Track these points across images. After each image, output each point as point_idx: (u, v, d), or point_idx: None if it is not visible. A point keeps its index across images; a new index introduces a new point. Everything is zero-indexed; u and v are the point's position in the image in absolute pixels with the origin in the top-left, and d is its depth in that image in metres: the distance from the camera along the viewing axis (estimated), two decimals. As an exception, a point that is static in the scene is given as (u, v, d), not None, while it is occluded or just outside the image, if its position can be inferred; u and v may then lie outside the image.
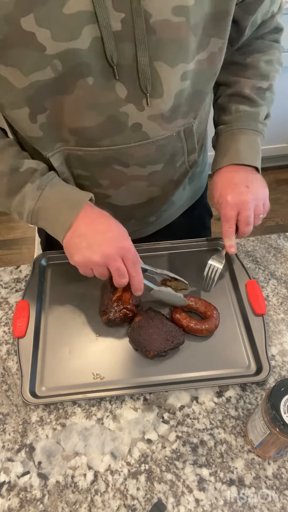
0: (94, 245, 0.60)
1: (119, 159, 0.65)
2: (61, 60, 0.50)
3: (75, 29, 0.48)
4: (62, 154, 0.64)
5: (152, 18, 0.50)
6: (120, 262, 0.61)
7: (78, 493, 0.58)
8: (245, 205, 0.67)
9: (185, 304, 0.73)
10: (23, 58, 0.49)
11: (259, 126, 0.72)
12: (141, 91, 0.56)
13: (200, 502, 0.57)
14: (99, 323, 0.75)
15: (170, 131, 0.64)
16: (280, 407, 0.51)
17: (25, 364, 0.68)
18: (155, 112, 0.60)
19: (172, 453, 0.61)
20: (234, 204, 0.68)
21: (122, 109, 0.58)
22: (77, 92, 0.54)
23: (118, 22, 0.49)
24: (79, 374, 0.68)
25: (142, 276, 0.65)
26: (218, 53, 0.59)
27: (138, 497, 0.57)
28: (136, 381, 0.67)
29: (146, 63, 0.53)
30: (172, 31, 0.52)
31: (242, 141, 0.71)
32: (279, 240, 0.90)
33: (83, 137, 0.61)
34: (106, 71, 0.53)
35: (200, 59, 0.58)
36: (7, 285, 0.83)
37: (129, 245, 0.62)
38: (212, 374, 0.68)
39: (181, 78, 0.57)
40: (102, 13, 0.48)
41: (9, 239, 2.11)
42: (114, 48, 0.51)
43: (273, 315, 0.76)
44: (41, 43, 0.48)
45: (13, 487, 0.59)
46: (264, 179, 0.72)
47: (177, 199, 0.85)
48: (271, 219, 2.17)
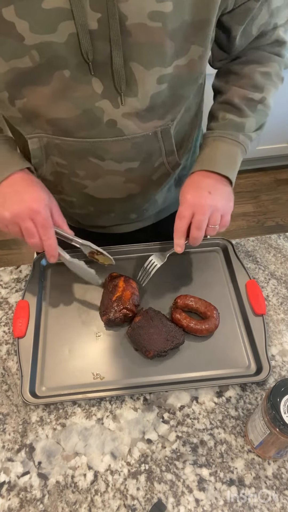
0: (8, 203, 0.62)
1: (94, 152, 0.66)
2: (39, 51, 0.52)
3: (52, 24, 0.50)
4: (40, 140, 0.66)
5: (128, 21, 0.51)
6: (30, 223, 0.63)
7: (78, 493, 0.58)
8: (201, 209, 0.65)
9: (98, 283, 0.74)
10: (3, 45, 0.52)
11: (240, 137, 0.69)
12: (115, 89, 0.58)
13: (200, 502, 0.57)
14: (99, 323, 0.75)
15: (146, 131, 0.65)
16: (280, 407, 0.51)
17: (25, 364, 0.68)
18: (130, 110, 0.61)
19: (172, 453, 0.61)
20: (191, 205, 0.66)
21: (98, 104, 0.59)
22: (53, 83, 0.56)
23: (94, 21, 0.51)
24: (79, 374, 0.69)
25: (54, 242, 0.66)
26: (198, 60, 0.59)
27: (138, 497, 0.57)
28: (136, 381, 0.67)
29: (120, 63, 0.55)
30: (148, 35, 0.53)
31: (219, 149, 0.69)
32: (279, 240, 0.90)
33: (59, 127, 0.63)
34: (82, 66, 0.55)
35: (179, 64, 0.58)
36: (7, 285, 0.83)
37: (40, 208, 0.63)
38: (212, 374, 0.68)
39: (157, 81, 0.58)
40: (78, 11, 0.49)
41: (9, 239, 2.11)
42: (90, 45, 0.53)
43: (273, 315, 0.76)
44: (20, 33, 0.51)
45: (13, 487, 0.59)
46: (233, 194, 0.69)
47: (160, 199, 0.85)
48: (271, 219, 2.17)
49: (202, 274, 0.82)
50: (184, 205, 0.66)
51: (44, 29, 0.50)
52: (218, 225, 0.67)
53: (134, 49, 0.54)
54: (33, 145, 0.67)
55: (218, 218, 0.66)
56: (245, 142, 0.70)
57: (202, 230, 0.66)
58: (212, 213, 0.65)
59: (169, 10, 0.51)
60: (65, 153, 0.67)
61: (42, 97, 0.58)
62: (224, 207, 0.67)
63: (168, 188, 0.84)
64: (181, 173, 0.84)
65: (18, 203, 0.62)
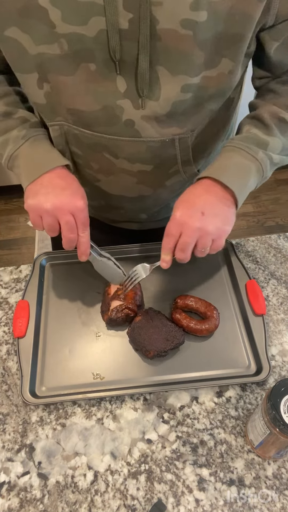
0: (50, 194, 0.62)
1: (109, 148, 0.66)
2: (68, 41, 0.53)
3: (84, 17, 0.51)
4: (61, 128, 0.66)
5: (159, 25, 0.51)
6: (70, 217, 0.63)
7: (78, 493, 0.58)
8: (188, 231, 0.60)
9: (122, 282, 0.74)
10: (36, 29, 0.53)
11: (259, 154, 0.62)
12: (137, 92, 0.57)
13: (200, 502, 0.57)
14: (99, 323, 0.75)
15: (163, 136, 0.64)
16: (280, 407, 0.51)
17: (25, 364, 0.68)
18: (150, 114, 0.60)
19: (172, 453, 0.61)
20: (179, 223, 0.61)
21: (119, 102, 0.59)
22: (78, 74, 0.56)
23: (126, 20, 0.51)
24: (79, 374, 0.68)
25: (89, 239, 0.66)
26: (228, 75, 0.58)
27: (138, 497, 0.57)
28: (136, 381, 0.67)
29: (145, 68, 0.54)
30: (177, 41, 0.52)
31: (231, 159, 0.63)
32: (279, 240, 0.90)
33: (78, 118, 0.63)
34: (108, 63, 0.55)
35: (208, 76, 0.57)
36: (7, 285, 0.83)
37: (83, 206, 0.63)
38: (212, 374, 0.68)
39: (182, 89, 0.57)
40: (111, 9, 0.50)
41: (9, 239, 2.11)
42: (118, 44, 0.53)
43: (273, 315, 0.76)
44: (52, 21, 0.51)
45: (13, 487, 0.59)
46: (233, 216, 0.62)
47: (173, 204, 0.84)
48: (271, 219, 2.17)
49: (202, 274, 0.82)
50: (172, 223, 0.62)
51: (75, 21, 0.51)
52: (207, 248, 0.62)
53: (162, 53, 0.54)
54: (55, 133, 0.67)
55: (208, 242, 0.61)
56: (264, 161, 0.62)
57: (185, 253, 0.62)
58: (201, 237, 0.60)
59: (203, 19, 0.50)
60: (82, 144, 0.68)
61: (65, 86, 0.58)
62: (217, 231, 0.60)
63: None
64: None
65: (62, 197, 0.62)
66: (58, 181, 0.64)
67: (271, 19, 0.55)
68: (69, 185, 0.64)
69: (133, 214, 0.86)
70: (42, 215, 0.63)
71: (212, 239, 0.61)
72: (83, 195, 0.65)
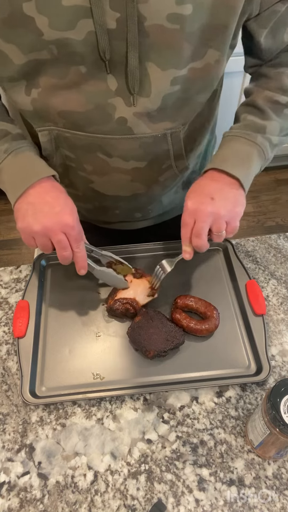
0: (39, 214, 0.61)
1: (103, 148, 0.66)
2: (57, 47, 0.53)
3: (71, 21, 0.50)
4: (50, 133, 0.66)
5: (147, 22, 0.51)
6: (62, 236, 0.62)
7: (78, 493, 0.58)
8: (201, 216, 0.62)
9: (127, 286, 0.74)
10: (22, 38, 0.53)
11: (258, 139, 0.65)
12: (128, 90, 0.58)
13: (200, 502, 0.57)
14: (99, 323, 0.75)
15: (155, 131, 0.65)
16: (280, 407, 0.51)
17: (25, 364, 0.68)
18: (141, 110, 0.61)
19: (172, 453, 0.61)
20: (192, 211, 0.63)
21: (111, 100, 0.59)
22: (70, 77, 0.56)
23: (113, 20, 0.51)
24: (79, 374, 0.68)
25: (85, 253, 0.66)
26: (214, 65, 0.59)
27: (138, 497, 0.57)
28: (136, 381, 0.67)
29: (135, 65, 0.55)
30: (165, 36, 0.53)
31: (232, 148, 0.65)
32: (279, 240, 0.90)
33: (70, 120, 0.63)
34: (98, 63, 0.55)
35: (195, 67, 0.58)
36: (7, 285, 0.83)
37: (73, 222, 0.62)
38: (212, 374, 0.68)
39: (171, 82, 0.58)
40: (97, 10, 0.50)
41: (9, 239, 2.11)
42: (107, 44, 0.53)
43: (273, 315, 0.76)
44: (39, 29, 0.51)
45: (13, 487, 0.59)
46: (243, 198, 0.65)
47: (166, 200, 0.85)
48: (271, 219, 2.17)
49: (202, 274, 0.82)
50: (186, 212, 0.64)
51: (63, 26, 0.51)
52: (223, 231, 0.64)
53: (151, 50, 0.54)
54: (43, 138, 0.67)
55: (222, 225, 0.63)
56: (264, 144, 0.65)
57: (201, 238, 0.63)
58: (214, 220, 0.62)
59: (188, 12, 0.51)
60: (74, 146, 0.67)
61: (56, 88, 0.58)
62: (228, 213, 0.63)
63: (175, 190, 0.84)
64: (190, 176, 0.84)
65: (50, 216, 0.61)
66: (45, 197, 0.62)
67: (255, 8, 0.57)
68: (56, 200, 0.62)
69: (128, 213, 0.86)
70: (33, 236, 0.63)
71: (225, 221, 0.63)
72: (72, 208, 0.64)
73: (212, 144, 0.88)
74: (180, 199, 0.88)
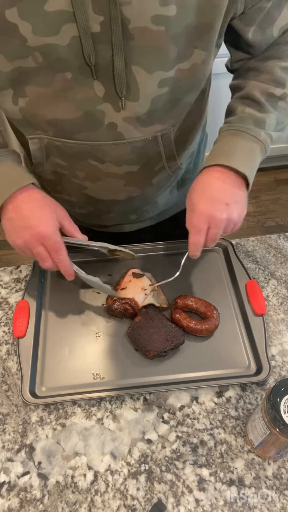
0: (18, 229, 0.62)
1: (94, 155, 0.66)
2: (41, 53, 0.52)
3: (55, 26, 0.50)
4: (40, 141, 0.66)
5: (131, 24, 0.51)
6: (41, 247, 0.63)
7: (78, 493, 0.58)
8: (218, 224, 0.62)
9: (116, 295, 0.74)
10: (7, 46, 0.52)
11: (262, 135, 0.64)
12: (116, 93, 0.57)
13: (200, 502, 0.57)
14: (99, 323, 0.75)
15: (146, 135, 0.64)
16: (280, 407, 0.51)
17: (25, 364, 0.68)
18: (131, 114, 0.60)
19: (172, 453, 0.61)
20: (207, 218, 0.62)
21: (99, 107, 0.59)
22: (56, 85, 0.56)
23: (97, 24, 0.50)
24: (79, 374, 0.68)
25: (67, 262, 0.66)
26: (201, 65, 0.59)
27: (138, 497, 0.57)
28: (136, 381, 0.67)
29: (122, 68, 0.54)
30: (150, 38, 0.52)
31: (237, 144, 0.64)
32: (279, 240, 0.90)
33: (60, 128, 0.62)
34: (84, 69, 0.55)
35: (182, 68, 0.58)
36: (7, 285, 0.83)
37: (49, 232, 0.62)
38: (212, 374, 0.68)
39: (158, 84, 0.57)
40: (81, 14, 0.49)
41: (9, 239, 2.11)
42: (92, 48, 0.52)
43: (273, 315, 0.76)
44: (23, 35, 0.50)
45: (13, 487, 0.59)
46: (247, 199, 0.66)
47: (161, 201, 0.85)
48: (271, 219, 2.17)
49: (202, 274, 0.82)
50: (201, 218, 0.62)
51: (46, 32, 0.50)
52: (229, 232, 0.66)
53: (137, 52, 0.54)
54: (34, 146, 0.67)
55: (231, 227, 0.65)
56: (266, 141, 0.65)
57: (216, 241, 0.65)
58: (226, 225, 0.64)
59: (172, 14, 0.50)
60: (65, 154, 0.67)
61: (44, 97, 0.58)
62: (239, 217, 0.64)
63: (169, 190, 0.84)
64: (184, 176, 0.84)
65: (26, 230, 0.62)
66: (21, 211, 0.62)
67: (240, 7, 0.56)
68: (31, 213, 0.62)
69: (123, 216, 0.86)
70: (21, 249, 0.64)
71: (234, 224, 0.65)
72: (47, 219, 0.63)
73: (204, 143, 0.88)
74: (175, 199, 0.88)
